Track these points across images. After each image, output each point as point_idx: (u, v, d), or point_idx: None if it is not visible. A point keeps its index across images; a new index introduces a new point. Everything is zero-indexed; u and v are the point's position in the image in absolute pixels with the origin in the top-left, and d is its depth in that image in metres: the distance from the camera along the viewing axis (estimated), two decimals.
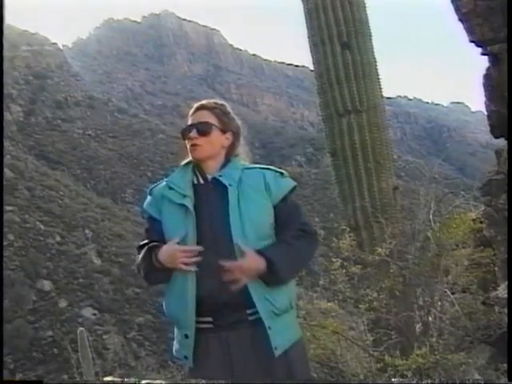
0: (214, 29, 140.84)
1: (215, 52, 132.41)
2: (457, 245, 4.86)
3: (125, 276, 35.03)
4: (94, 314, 32.88)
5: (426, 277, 4.65)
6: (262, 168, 2.20)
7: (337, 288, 5.05)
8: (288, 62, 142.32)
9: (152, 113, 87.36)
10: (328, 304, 5.19)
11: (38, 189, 42.90)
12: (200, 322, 2.07)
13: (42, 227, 38.60)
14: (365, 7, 6.13)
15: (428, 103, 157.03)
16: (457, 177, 59.94)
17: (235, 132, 2.24)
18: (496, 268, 4.48)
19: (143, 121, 71.28)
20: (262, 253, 2.00)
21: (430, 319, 4.50)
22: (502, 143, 3.96)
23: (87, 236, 39.93)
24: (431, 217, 5.05)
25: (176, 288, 2.09)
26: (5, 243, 31.98)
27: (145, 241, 2.17)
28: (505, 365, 3.07)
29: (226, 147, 2.21)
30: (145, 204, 2.22)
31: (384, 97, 6.36)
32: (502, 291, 3.91)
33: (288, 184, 2.18)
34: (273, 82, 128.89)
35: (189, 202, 2.09)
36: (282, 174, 2.18)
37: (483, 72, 3.58)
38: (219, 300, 2.02)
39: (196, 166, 2.19)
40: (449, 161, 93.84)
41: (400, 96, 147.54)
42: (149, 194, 2.22)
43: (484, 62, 3.57)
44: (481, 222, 4.82)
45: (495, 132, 3.64)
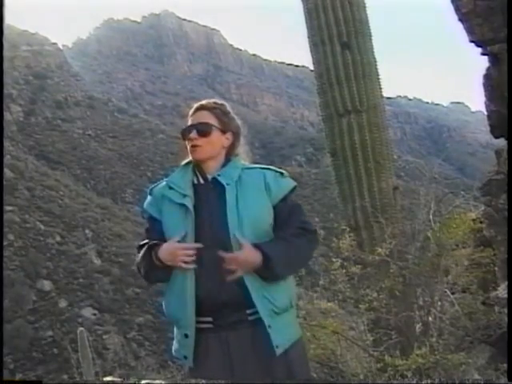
0: (214, 29, 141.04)
1: (215, 52, 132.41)
2: (457, 245, 4.86)
3: (125, 276, 35.05)
4: (94, 314, 32.90)
5: (426, 277, 4.65)
6: (263, 168, 2.20)
7: (337, 288, 5.05)
8: (288, 62, 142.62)
9: (152, 113, 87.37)
10: (328, 304, 5.18)
11: (38, 189, 42.92)
12: (200, 322, 2.07)
13: (42, 227, 38.62)
14: (365, 7, 6.12)
15: (428, 103, 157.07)
16: (457, 177, 60.00)
17: (235, 132, 2.24)
18: (496, 268, 4.49)
19: (143, 121, 71.30)
20: (259, 247, 2.00)
21: (430, 319, 4.50)
22: (502, 143, 3.96)
23: (87, 236, 39.96)
24: (431, 217, 5.05)
25: (175, 287, 2.09)
26: (5, 243, 31.99)
27: (145, 241, 2.17)
28: (505, 365, 3.07)
29: (226, 147, 2.21)
30: (145, 204, 2.22)
31: (384, 97, 6.34)
32: (502, 291, 3.91)
33: (288, 184, 2.18)
34: (273, 82, 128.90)
35: (189, 202, 2.09)
36: (282, 174, 2.18)
37: (483, 72, 3.58)
38: (219, 300, 2.02)
39: (196, 166, 2.19)
40: (449, 161, 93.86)
41: (400, 96, 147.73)
42: (149, 194, 2.23)
43: (484, 62, 3.58)
44: (481, 222, 4.82)
45: (495, 132, 3.64)
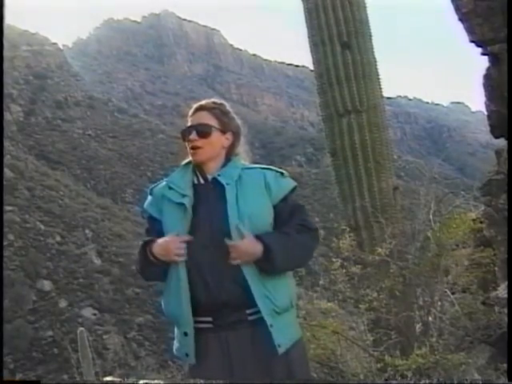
0: (214, 29, 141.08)
1: (215, 52, 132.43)
2: (457, 245, 4.85)
3: (125, 276, 35.08)
4: (94, 314, 32.93)
5: (426, 277, 4.65)
6: (263, 168, 2.20)
7: (337, 288, 5.04)
8: (288, 62, 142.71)
9: (152, 113, 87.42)
10: (328, 304, 5.18)
11: (38, 189, 42.94)
12: (199, 322, 2.07)
13: (42, 227, 38.64)
14: (365, 7, 6.11)
15: (428, 103, 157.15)
16: (457, 177, 59.94)
17: (235, 132, 2.23)
18: (496, 268, 4.49)
19: (143, 121, 71.34)
20: (261, 238, 2.01)
21: (430, 319, 4.50)
22: (502, 143, 3.96)
23: (87, 236, 39.98)
24: (431, 217, 5.05)
25: (172, 286, 2.09)
26: (5, 243, 32.01)
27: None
28: (505, 365, 3.07)
29: (226, 147, 2.20)
30: (145, 204, 2.23)
31: (384, 97, 6.33)
32: (502, 291, 3.91)
33: (288, 184, 2.18)
34: (273, 82, 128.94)
35: (187, 202, 2.09)
36: (283, 174, 2.18)
37: (483, 72, 3.58)
38: (219, 300, 2.02)
39: (196, 167, 2.19)
40: (449, 161, 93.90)
41: (400, 96, 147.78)
42: (149, 194, 2.23)
43: (484, 62, 3.58)
44: (481, 222, 4.82)
45: (495, 132, 3.64)
